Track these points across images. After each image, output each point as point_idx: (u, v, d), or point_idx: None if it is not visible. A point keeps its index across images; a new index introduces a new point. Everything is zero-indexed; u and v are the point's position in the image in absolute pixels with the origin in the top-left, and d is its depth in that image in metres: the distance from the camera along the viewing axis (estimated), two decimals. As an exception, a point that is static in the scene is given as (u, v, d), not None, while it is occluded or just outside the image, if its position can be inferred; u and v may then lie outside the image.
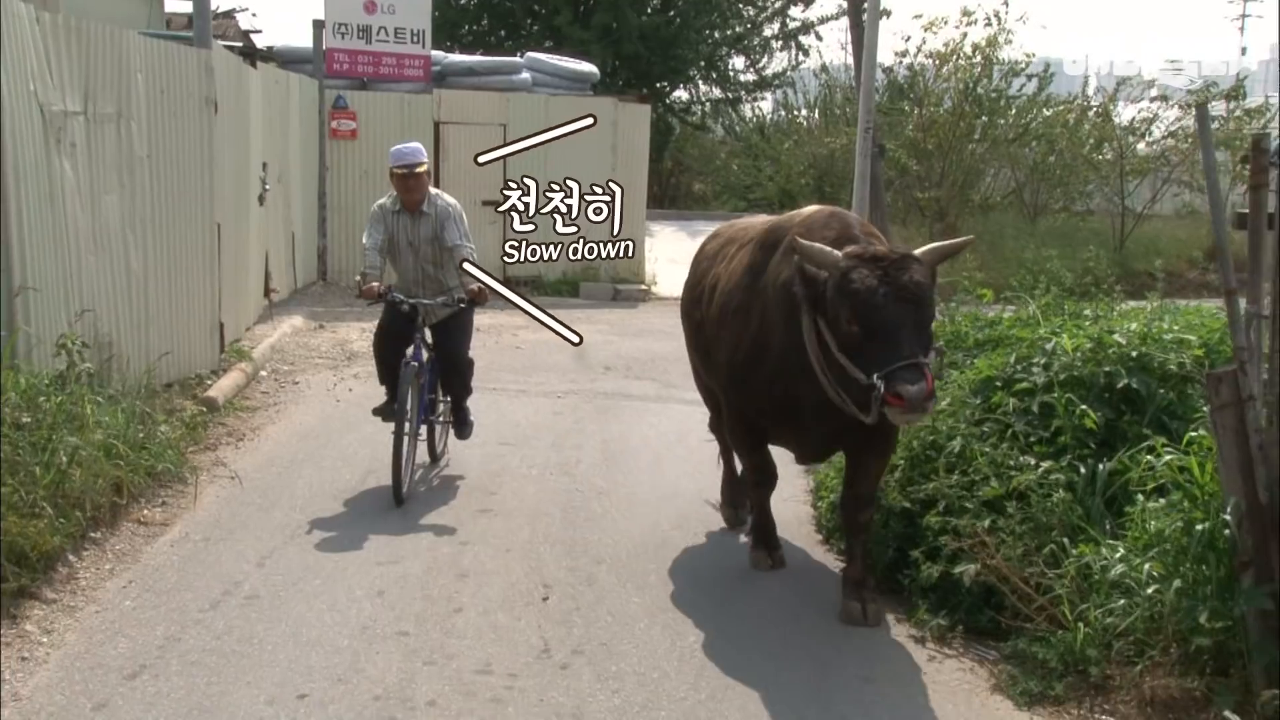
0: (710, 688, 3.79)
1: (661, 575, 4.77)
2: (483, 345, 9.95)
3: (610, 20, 20.67)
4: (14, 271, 5.66)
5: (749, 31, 24.28)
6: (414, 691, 3.67)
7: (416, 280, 6.04)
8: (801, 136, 19.75)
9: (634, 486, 6.04)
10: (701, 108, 24.72)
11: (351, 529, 5.15)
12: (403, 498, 5.56)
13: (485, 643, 4.06)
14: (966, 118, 15.94)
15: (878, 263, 3.97)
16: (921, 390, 3.75)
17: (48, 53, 5.97)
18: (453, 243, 5.89)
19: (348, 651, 3.93)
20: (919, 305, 3.96)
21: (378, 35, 12.33)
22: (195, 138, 7.41)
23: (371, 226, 6.01)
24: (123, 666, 3.72)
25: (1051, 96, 17.54)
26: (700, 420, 6.45)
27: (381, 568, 4.73)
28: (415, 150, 6.03)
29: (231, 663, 3.80)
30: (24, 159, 5.75)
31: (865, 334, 3.92)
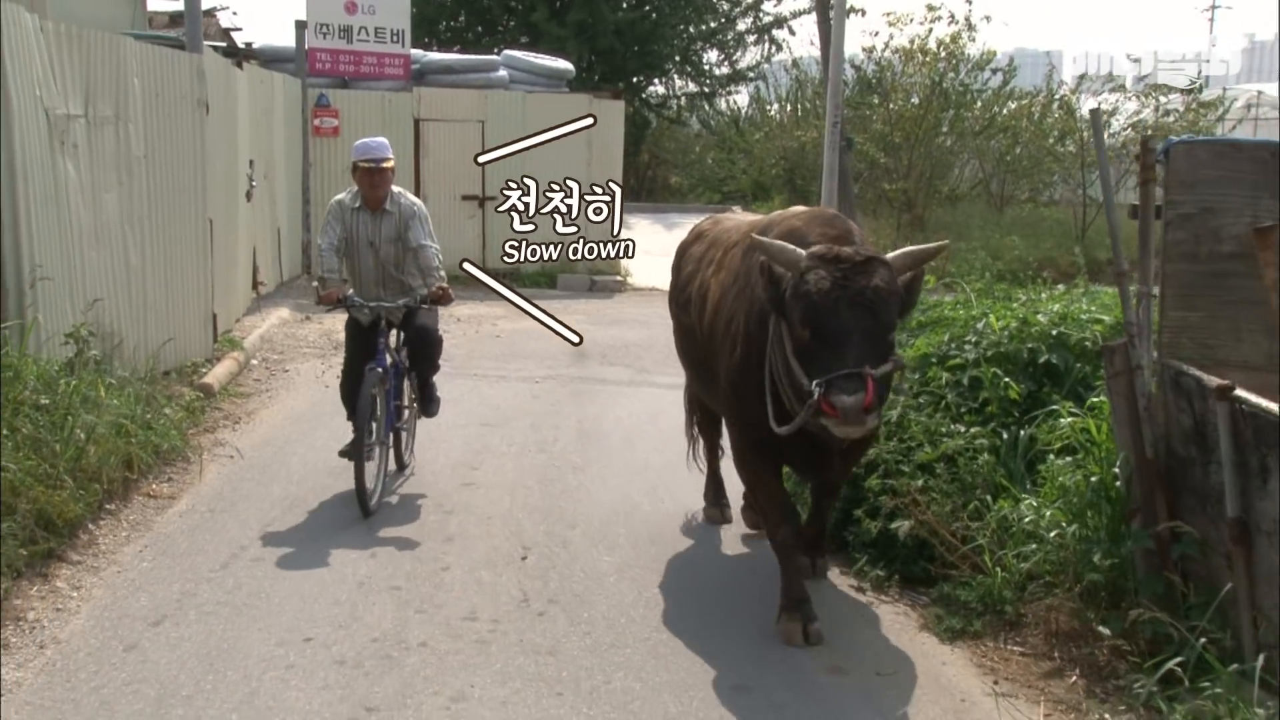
0: (671, 629, 4.30)
1: (630, 538, 5.27)
2: (463, 334, 10.46)
3: (586, 16, 21.15)
4: (23, 265, 6.10)
5: (723, 26, 24.84)
6: (407, 635, 4.16)
7: (377, 281, 5.86)
8: (772, 130, 20.27)
9: (607, 462, 6.54)
10: (677, 101, 25.24)
11: (345, 501, 5.61)
12: (370, 509, 5.40)
13: (470, 595, 4.55)
14: (932, 111, 16.48)
15: (838, 264, 3.80)
16: (858, 401, 3.59)
17: (51, 59, 6.40)
18: (419, 243, 5.74)
19: (346, 603, 4.41)
20: (874, 312, 3.77)
21: (358, 35, 12.77)
22: (188, 138, 7.84)
23: (328, 225, 5.80)
24: (146, 616, 4.19)
25: (1016, 89, 18.17)
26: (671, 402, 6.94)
27: (373, 533, 5.21)
28: (382, 145, 5.83)
29: (243, 613, 4.28)
30: (31, 160, 6.17)
31: (814, 338, 3.79)
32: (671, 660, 4.04)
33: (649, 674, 3.92)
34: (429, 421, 7.10)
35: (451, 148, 13.62)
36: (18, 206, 6.03)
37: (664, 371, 8.95)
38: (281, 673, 3.80)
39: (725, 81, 24.98)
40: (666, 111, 24.81)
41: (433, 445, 6.75)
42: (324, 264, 5.80)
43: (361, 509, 5.38)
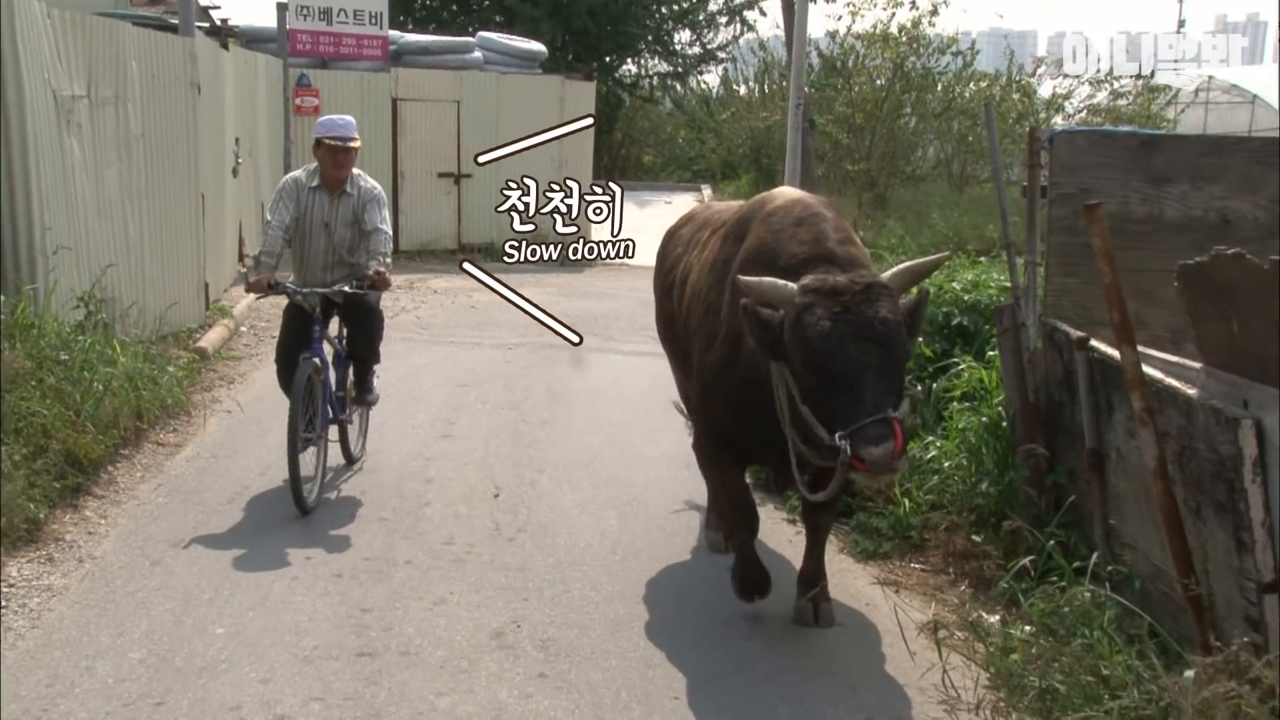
0: (624, 551, 5.00)
1: (590, 480, 5.97)
2: (440, 305, 11.10)
3: (559, -2, 21.67)
4: (35, 235, 6.70)
5: (695, 6, 25.36)
6: (395, 555, 4.84)
7: (325, 265, 5.64)
8: (739, 110, 20.91)
9: (571, 418, 7.23)
10: (649, 81, 25.78)
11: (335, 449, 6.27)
12: (307, 507, 5.14)
13: (449, 524, 5.23)
14: (893, 94, 17.17)
15: (836, 297, 3.49)
16: (888, 451, 3.34)
17: (57, 44, 6.96)
18: (374, 225, 5.53)
19: (340, 530, 5.08)
20: (886, 346, 3.48)
21: (338, 17, 13.31)
22: (181, 117, 8.43)
23: (279, 202, 5.54)
24: (166, 539, 4.85)
25: (976, 73, 18.88)
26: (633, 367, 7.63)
27: (361, 476, 5.89)
28: (349, 123, 5.64)
29: (250, 538, 4.94)
30: (41, 138, 6.74)
31: (823, 383, 3.50)
32: (622, 575, 4.73)
33: (603, 585, 4.62)
34: (410, 380, 7.81)
35: (428, 127, 14.21)
36: (30, 181, 6.61)
37: (627, 340, 9.66)
38: (288, 582, 4.48)
39: (697, 61, 25.53)
40: (639, 91, 25.35)
41: (413, 403, 7.41)
42: (266, 242, 5.54)
43: (297, 506, 5.12)
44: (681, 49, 25.38)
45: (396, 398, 7.49)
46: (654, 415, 7.09)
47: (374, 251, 5.55)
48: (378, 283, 5.48)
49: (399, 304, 11.21)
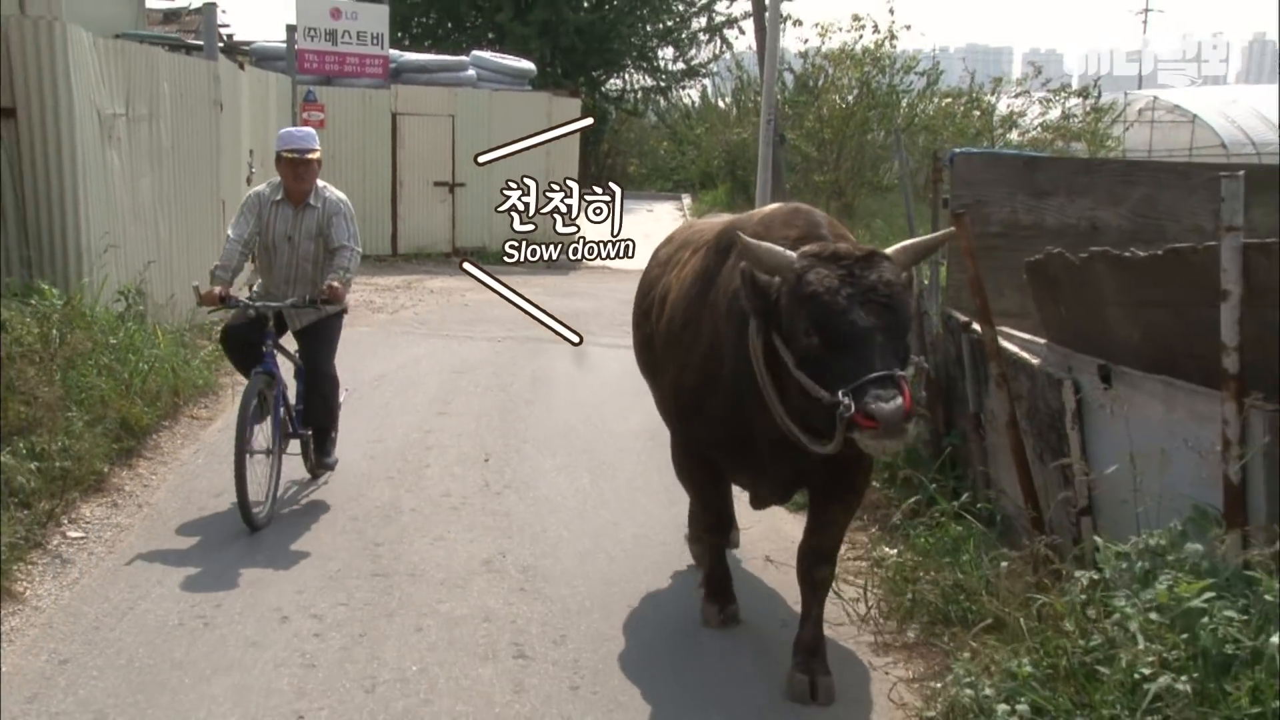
0: (593, 503, 5.85)
1: (567, 448, 6.82)
2: (436, 303, 11.95)
3: (548, 16, 22.53)
4: (82, 236, 7.53)
5: (678, 25, 26.31)
6: (401, 504, 5.68)
7: (288, 279, 5.50)
8: (715, 124, 21.83)
9: (553, 399, 8.09)
10: (634, 95, 26.70)
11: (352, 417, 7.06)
12: (256, 523, 5.00)
13: (446, 482, 6.08)
14: (859, 111, 18.10)
15: (839, 261, 3.35)
16: (898, 408, 3.10)
17: (101, 68, 7.79)
18: (339, 243, 5.38)
19: (352, 486, 5.92)
20: (891, 309, 3.31)
21: (342, 38, 14.16)
22: (205, 132, 9.27)
23: (242, 216, 5.43)
24: (208, 491, 5.69)
25: (939, 89, 19.83)
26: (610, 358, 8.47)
27: (369, 444, 6.72)
28: (308, 135, 5.51)
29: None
30: (88, 151, 7.57)
31: (827, 345, 3.27)
32: (592, 519, 5.59)
33: (574, 527, 5.47)
34: (410, 368, 8.65)
35: (425, 139, 15.06)
36: (78, 189, 7.44)
37: (605, 334, 10.49)
38: (313, 524, 5.32)
39: (679, 77, 26.49)
40: (624, 105, 26.27)
41: (413, 386, 8.26)
42: (223, 256, 5.39)
43: (246, 522, 4.96)
44: (665, 65, 26.34)
45: (398, 382, 8.36)
46: (625, 397, 7.92)
47: (336, 266, 5.37)
48: (331, 295, 5.24)
49: (398, 301, 12.08)
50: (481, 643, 4.19)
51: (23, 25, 6.96)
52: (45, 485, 5.01)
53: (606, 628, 4.36)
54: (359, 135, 14.47)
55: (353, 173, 14.40)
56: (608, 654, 4.14)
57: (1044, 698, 3.25)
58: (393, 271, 14.14)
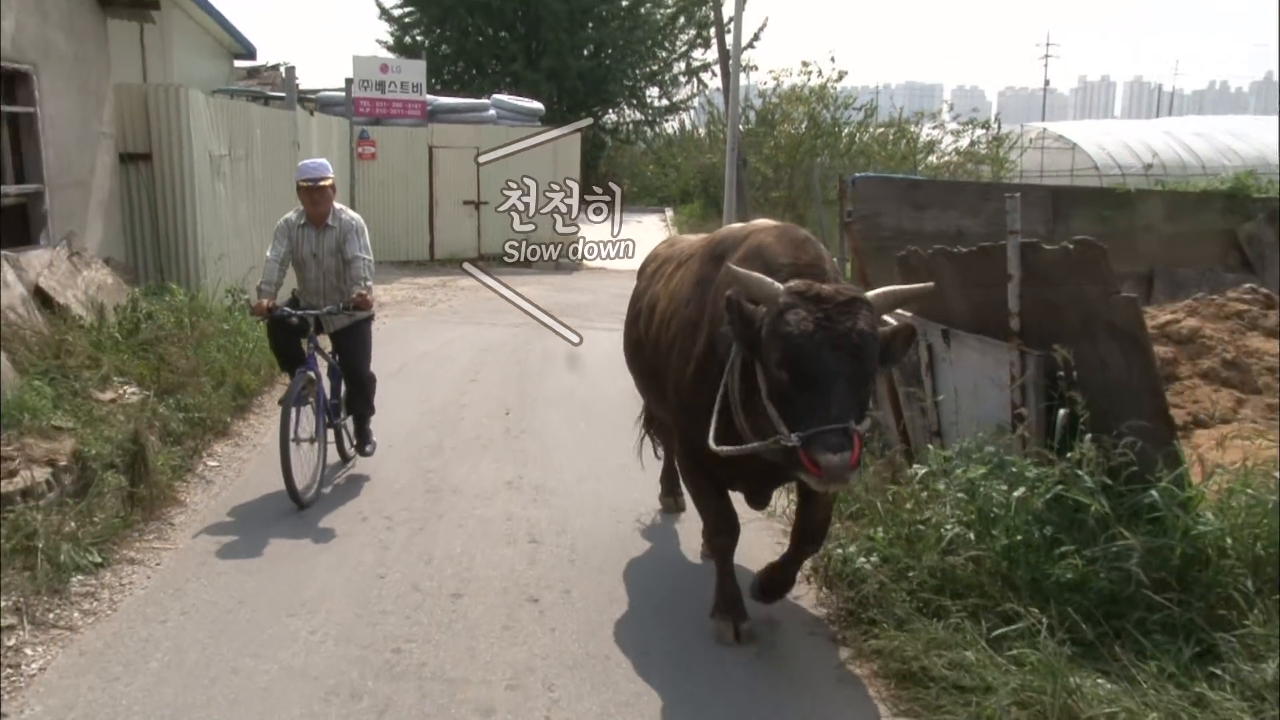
0: (589, 443, 6.61)
1: (569, 404, 7.57)
2: (466, 300, 12.67)
3: (555, 64, 23.19)
4: (199, 249, 8.27)
5: (662, 69, 26.93)
6: (444, 444, 6.45)
7: (319, 290, 5.52)
8: (691, 151, 22.51)
9: (559, 368, 8.84)
10: (627, 127, 27.35)
11: (397, 384, 7.87)
12: (303, 502, 5.02)
13: (477, 428, 6.85)
14: (807, 140, 18.80)
15: (820, 304, 3.08)
16: (844, 461, 2.91)
17: (211, 120, 8.53)
18: (353, 254, 5.38)
19: (407, 432, 6.68)
20: (859, 358, 3.06)
21: (389, 88, 14.85)
22: (287, 166, 9.98)
23: (276, 239, 5.48)
24: (303, 435, 6.44)
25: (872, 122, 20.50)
26: (603, 338, 9.20)
27: (418, 402, 7.47)
28: (320, 165, 5.51)
29: (354, 435, 6.55)
30: (202, 184, 8.32)
31: (795, 383, 3.06)
32: (590, 453, 6.35)
33: (574, 458, 6.23)
34: (446, 347, 9.38)
35: (455, 167, 15.76)
36: (196, 213, 8.19)
37: (601, 321, 11.24)
38: (379, 460, 6.09)
39: (663, 111, 27.14)
40: (618, 135, 26.92)
41: (449, 361, 9.01)
42: (265, 274, 5.42)
43: (294, 500, 4.99)
44: (651, 102, 26.96)
45: (438, 357, 9.12)
46: (613, 368, 8.60)
47: (355, 277, 5.38)
48: (360, 303, 5.31)
49: (436, 297, 12.81)
50: (505, 533, 4.96)
51: (157, 91, 7.71)
52: (190, 429, 5.78)
53: (595, 524, 5.14)
54: (403, 165, 15.17)
55: (397, 194, 15.13)
56: (596, 540, 4.91)
57: (889, 553, 4.02)
58: (430, 273, 14.85)
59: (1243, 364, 5.95)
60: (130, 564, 4.40)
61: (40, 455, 4.56)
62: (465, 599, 4.19)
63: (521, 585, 4.35)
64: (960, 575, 3.75)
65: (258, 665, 3.60)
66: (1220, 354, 5.97)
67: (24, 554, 3.99)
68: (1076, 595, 3.48)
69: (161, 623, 3.89)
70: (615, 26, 24.55)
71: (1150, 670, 3.15)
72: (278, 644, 3.75)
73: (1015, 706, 3.13)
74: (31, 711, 3.27)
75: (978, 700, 3.23)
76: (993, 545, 3.63)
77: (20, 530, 4.07)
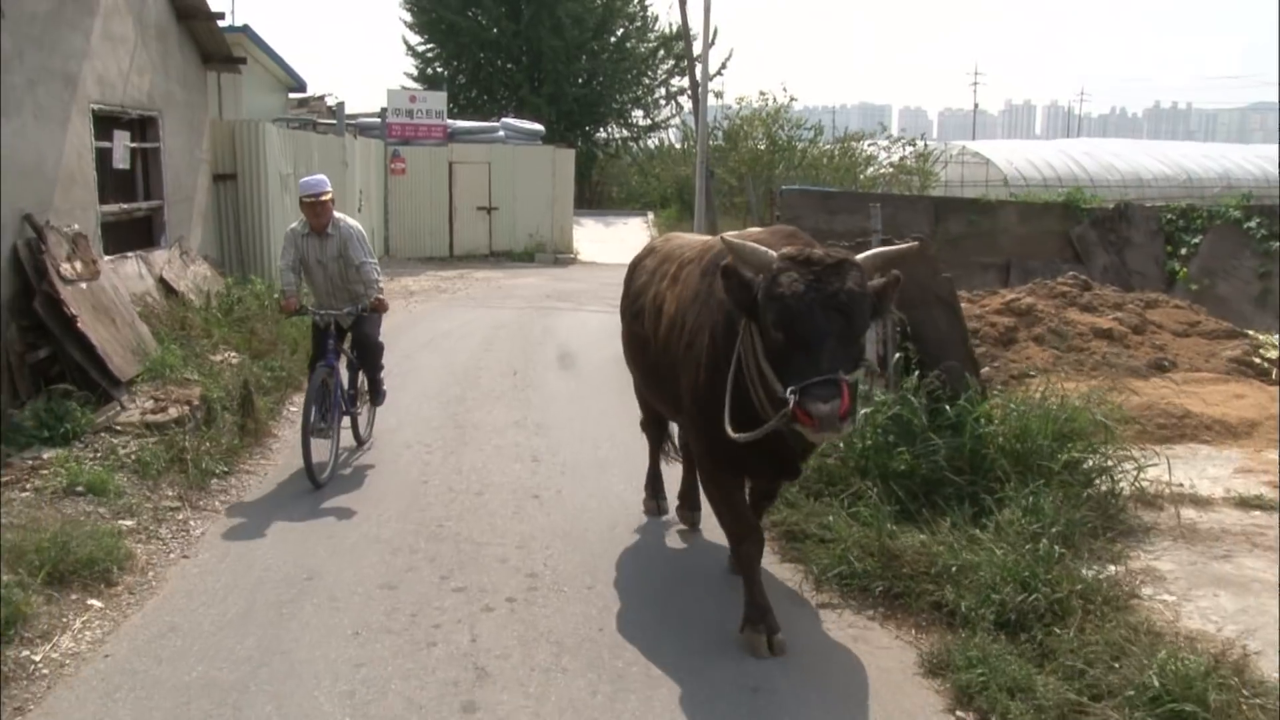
0: (581, 393, 7.56)
1: (577, 369, 8.47)
2: (480, 288, 13.56)
3: (554, 90, 23.99)
4: (271, 249, 9.17)
5: (645, 94, 27.72)
6: (466, 395, 7.39)
7: (328, 292, 5.48)
8: (669, 163, 23.37)
9: (557, 338, 9.79)
10: (615, 143, 28.17)
11: (428, 353, 8.80)
12: (319, 482, 4.99)
13: (491, 384, 7.78)
14: (765, 155, 19.67)
15: (810, 266, 2.96)
16: (834, 409, 2.79)
17: (281, 146, 9.40)
18: (360, 260, 5.32)
19: (436, 388, 7.63)
20: (848, 316, 2.93)
21: (416, 114, 15.68)
22: (338, 181, 10.84)
23: (285, 249, 5.41)
24: (360, 389, 7.41)
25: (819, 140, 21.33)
26: (593, 316, 10.12)
27: (444, 366, 8.38)
28: (320, 181, 5.39)
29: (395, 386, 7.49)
30: (274, 198, 9.21)
31: (788, 342, 2.93)
32: (577, 402, 7.30)
33: (569, 404, 7.18)
34: (464, 326, 10.30)
35: (471, 180, 16.63)
36: (270, 221, 9.09)
37: (592, 305, 12.17)
38: (418, 405, 7.04)
39: (646, 129, 27.95)
40: (608, 150, 27.73)
41: (468, 335, 9.93)
42: (282, 279, 5.44)
43: (311, 481, 4.96)
44: (636, 121, 27.75)
45: (459, 334, 10.03)
46: (600, 340, 9.62)
47: (368, 282, 5.34)
48: (378, 307, 5.36)
49: (455, 286, 13.69)
50: (514, 455, 5.93)
51: (241, 126, 8.63)
52: (275, 384, 6.73)
53: (580, 449, 6.10)
54: (428, 178, 16.03)
55: (423, 202, 15.99)
56: (584, 459, 5.87)
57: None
58: (450, 268, 15.72)
59: (1063, 331, 6.98)
60: (246, 473, 5.37)
61: (180, 397, 5.52)
62: (485, 495, 5.18)
63: (526, 488, 5.34)
64: (833, 469, 4.73)
65: (346, 533, 4.58)
66: (1047, 324, 7.00)
67: (179, 463, 4.97)
68: (906, 480, 4.47)
69: (275, 507, 4.87)
70: (605, 58, 25.31)
71: (945, 524, 4.15)
72: (358, 521, 4.74)
73: (856, 548, 4.12)
74: (201, 559, 4.25)
75: (834, 547, 4.22)
76: (854, 450, 4.61)
77: (175, 447, 5.04)
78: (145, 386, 5.82)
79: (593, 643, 3.57)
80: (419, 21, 24.90)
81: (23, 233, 5.65)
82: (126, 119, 7.24)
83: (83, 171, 6.43)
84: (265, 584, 4.00)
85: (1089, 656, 3.14)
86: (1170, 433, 5.61)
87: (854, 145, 20.83)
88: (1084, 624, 3.34)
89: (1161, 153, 24.83)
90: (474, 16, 24.30)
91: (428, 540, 4.53)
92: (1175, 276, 8.17)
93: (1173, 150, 25.83)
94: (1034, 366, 6.51)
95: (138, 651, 3.43)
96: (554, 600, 3.92)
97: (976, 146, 22.68)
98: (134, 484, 4.78)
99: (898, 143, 19.62)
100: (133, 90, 7.18)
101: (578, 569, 4.24)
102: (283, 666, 3.35)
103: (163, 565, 4.14)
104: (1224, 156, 25.22)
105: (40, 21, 5.85)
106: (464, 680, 3.29)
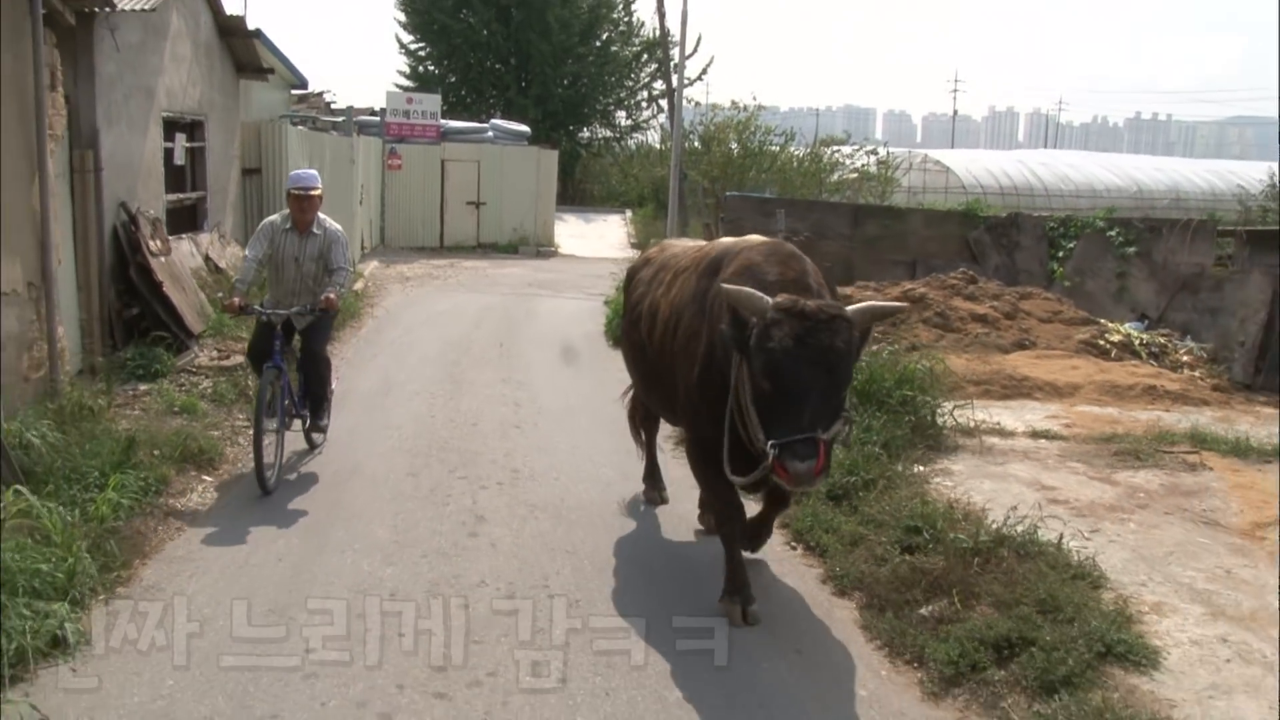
0: (561, 365, 9.30)
1: (546, 341, 10.22)
2: (469, 275, 15.26)
3: (541, 91, 25.66)
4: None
5: (627, 96, 29.45)
6: (460, 360, 9.12)
7: (293, 291, 5.36)
8: (646, 164, 25.11)
9: (539, 319, 11.52)
10: (598, 143, 29.87)
11: (426, 328, 10.49)
12: (268, 487, 4.95)
13: (482, 353, 9.50)
14: (736, 159, 21.42)
15: (803, 320, 3.09)
16: (809, 469, 2.99)
17: (299, 145, 11.05)
18: (337, 264, 5.30)
19: (436, 356, 9.34)
20: (833, 372, 3.09)
21: (412, 115, 17.36)
22: (346, 176, 12.55)
23: (256, 240, 5.27)
24: (370, 357, 9.12)
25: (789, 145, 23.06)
26: (568, 302, 11.86)
27: (440, 340, 10.09)
28: (311, 175, 5.35)
29: (396, 353, 9.19)
30: (292, 189, 10.86)
31: (774, 392, 3.10)
32: (555, 368, 9.04)
33: (550, 372, 8.92)
34: (456, 308, 12.05)
35: (461, 176, 18.30)
36: (289, 209, 10.74)
37: (567, 292, 13.89)
38: (420, 365, 8.75)
39: (628, 130, 29.68)
40: (590, 149, 29.41)
41: (460, 316, 11.63)
42: (241, 272, 5.28)
43: (260, 485, 4.93)
44: (618, 123, 29.47)
45: (451, 314, 11.75)
46: (579, 320, 11.37)
47: (334, 282, 5.31)
48: (328, 306, 5.20)
49: (446, 273, 15.36)
50: (500, 401, 7.67)
51: (266, 125, 10.33)
52: (307, 343, 8.41)
53: (554, 397, 7.85)
54: (421, 174, 17.68)
55: (416, 196, 17.65)
56: (555, 405, 7.61)
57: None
58: (441, 257, 17.34)
59: (948, 315, 8.82)
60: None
61: (236, 349, 7.22)
62: (479, 425, 6.93)
63: (510, 421, 7.08)
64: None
65: (374, 446, 6.31)
66: (935, 309, 8.83)
67: (245, 398, 6.67)
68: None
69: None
70: (590, 62, 27.02)
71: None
72: (386, 434, 6.48)
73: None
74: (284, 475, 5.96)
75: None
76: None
77: (239, 385, 6.75)
78: (209, 340, 7.50)
79: (556, 506, 5.34)
80: (413, 22, 26.52)
81: (119, 217, 7.32)
82: (183, 123, 8.90)
83: (156, 168, 8.10)
84: (324, 471, 5.72)
85: (880, 510, 4.93)
86: (1010, 391, 7.45)
87: (823, 151, 22.60)
88: (883, 495, 5.13)
89: (1114, 165, 26.94)
90: (465, 19, 25.94)
91: (439, 450, 6.26)
92: (1054, 275, 10.03)
93: (1125, 163, 27.98)
94: (919, 342, 8.32)
95: (242, 505, 5.15)
96: (529, 485, 5.68)
97: (937, 154, 24.65)
98: (213, 409, 6.49)
99: (860, 150, 21.46)
100: (188, 99, 8.85)
101: (547, 468, 5.99)
102: (345, 514, 5.08)
103: (246, 461, 5.83)
104: (1174, 170, 27.39)
105: (134, 49, 7.52)
106: (469, 521, 5.05)
